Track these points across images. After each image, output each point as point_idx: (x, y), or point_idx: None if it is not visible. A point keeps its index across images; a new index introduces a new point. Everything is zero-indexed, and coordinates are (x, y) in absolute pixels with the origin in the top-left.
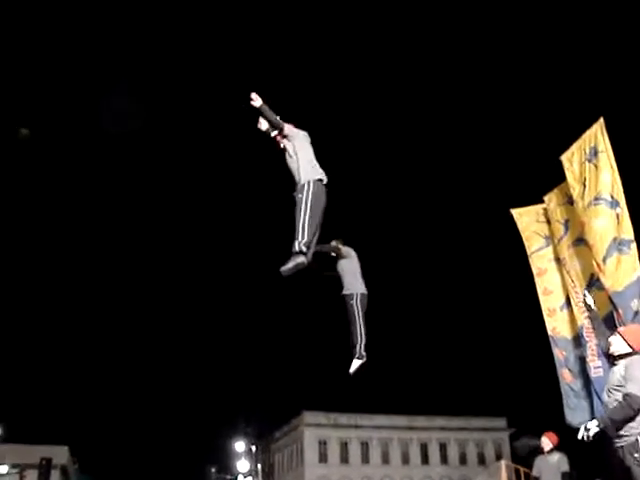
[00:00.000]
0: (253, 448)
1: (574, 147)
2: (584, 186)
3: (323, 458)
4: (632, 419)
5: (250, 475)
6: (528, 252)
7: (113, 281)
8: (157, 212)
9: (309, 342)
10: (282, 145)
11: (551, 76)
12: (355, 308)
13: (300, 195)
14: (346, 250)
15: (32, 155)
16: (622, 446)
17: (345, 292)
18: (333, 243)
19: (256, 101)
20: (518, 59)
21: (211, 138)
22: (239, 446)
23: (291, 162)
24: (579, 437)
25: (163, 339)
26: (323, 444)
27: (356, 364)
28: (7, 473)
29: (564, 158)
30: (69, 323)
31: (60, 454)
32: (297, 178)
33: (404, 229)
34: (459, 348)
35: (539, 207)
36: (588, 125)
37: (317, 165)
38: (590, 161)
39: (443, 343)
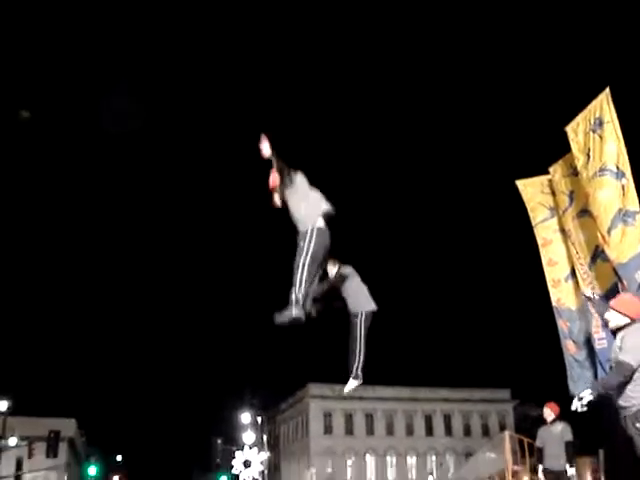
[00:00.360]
0: (259, 420)
1: (579, 118)
2: (588, 157)
3: (328, 430)
4: (625, 386)
5: (256, 446)
6: (533, 223)
7: (115, 264)
8: (156, 210)
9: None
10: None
11: (557, 46)
12: (358, 327)
13: (302, 243)
14: (347, 272)
15: (33, 155)
16: (625, 416)
17: (351, 310)
18: (330, 268)
19: (266, 151)
20: (523, 30)
21: (210, 138)
22: (245, 418)
23: (292, 208)
24: (572, 408)
25: (170, 314)
26: (328, 416)
27: (352, 385)
28: (16, 445)
29: (569, 129)
30: (77, 300)
31: (68, 427)
32: (299, 225)
33: (408, 201)
34: (463, 320)
35: (544, 178)
36: (594, 95)
37: (318, 201)
38: (595, 132)
39: (447, 315)
